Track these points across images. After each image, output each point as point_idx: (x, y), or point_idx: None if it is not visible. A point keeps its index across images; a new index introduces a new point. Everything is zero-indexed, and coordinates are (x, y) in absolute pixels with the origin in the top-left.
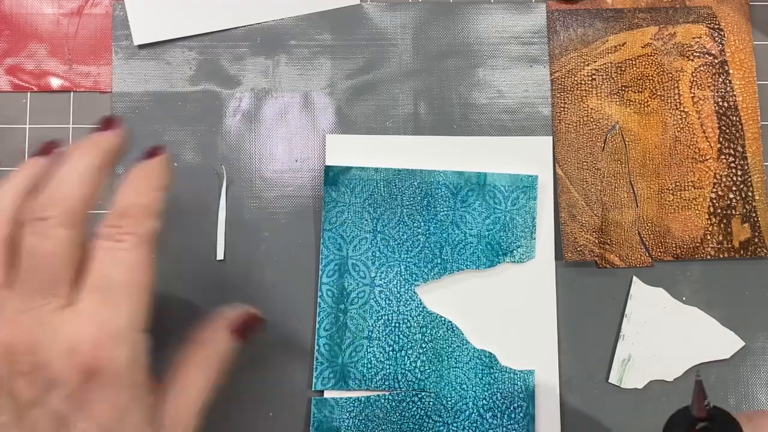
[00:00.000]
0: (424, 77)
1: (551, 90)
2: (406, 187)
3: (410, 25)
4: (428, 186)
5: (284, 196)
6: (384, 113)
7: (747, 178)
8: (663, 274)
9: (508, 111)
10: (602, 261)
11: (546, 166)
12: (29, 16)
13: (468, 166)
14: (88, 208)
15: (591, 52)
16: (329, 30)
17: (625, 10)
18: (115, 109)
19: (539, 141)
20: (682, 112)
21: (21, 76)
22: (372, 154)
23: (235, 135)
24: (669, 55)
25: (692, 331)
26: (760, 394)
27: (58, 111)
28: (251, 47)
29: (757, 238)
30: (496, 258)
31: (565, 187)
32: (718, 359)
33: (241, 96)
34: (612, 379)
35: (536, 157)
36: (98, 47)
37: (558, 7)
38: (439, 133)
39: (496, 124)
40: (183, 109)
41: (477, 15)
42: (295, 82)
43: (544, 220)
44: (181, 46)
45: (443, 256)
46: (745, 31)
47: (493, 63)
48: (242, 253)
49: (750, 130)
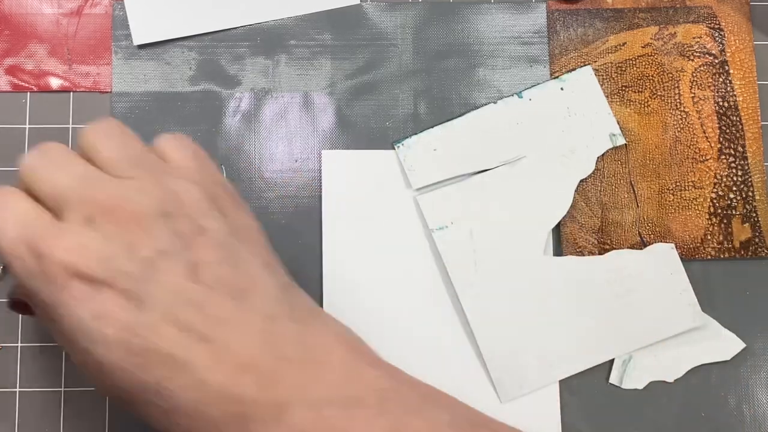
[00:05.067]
0: (424, 77)
1: None
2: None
3: (410, 25)
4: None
5: (284, 196)
6: (384, 113)
7: (747, 178)
8: None
9: None
10: None
11: None
12: (29, 16)
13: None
14: None
15: (591, 52)
16: (329, 30)
17: (626, 10)
18: (114, 109)
19: None
20: (683, 112)
21: (21, 76)
22: (369, 168)
23: (235, 135)
24: (669, 55)
25: (692, 331)
26: (760, 395)
27: (58, 111)
28: (251, 47)
29: (757, 238)
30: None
31: None
32: (719, 360)
33: (241, 96)
34: (612, 379)
35: None
36: (98, 47)
37: (558, 7)
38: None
39: None
40: (183, 109)
41: (477, 15)
42: (295, 82)
43: None
44: (180, 46)
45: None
46: (745, 31)
47: (493, 63)
48: None
49: (750, 130)
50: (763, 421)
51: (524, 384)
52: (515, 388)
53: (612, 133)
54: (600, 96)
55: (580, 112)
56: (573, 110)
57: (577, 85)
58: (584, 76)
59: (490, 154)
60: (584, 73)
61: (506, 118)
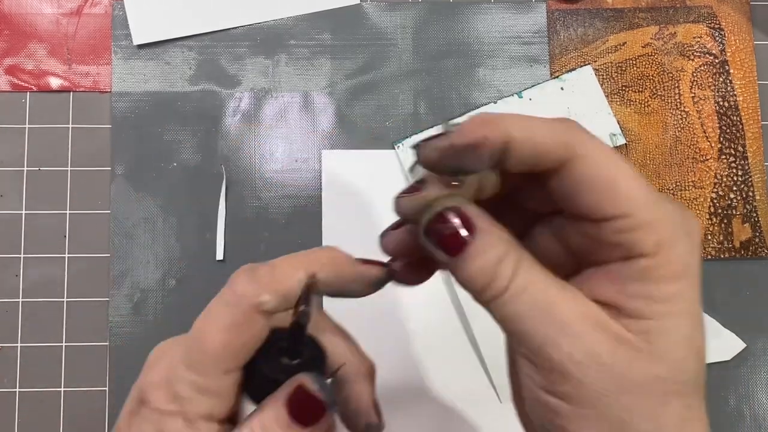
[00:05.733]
0: (424, 77)
1: None
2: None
3: (410, 25)
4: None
5: (284, 196)
6: (384, 113)
7: (748, 178)
8: None
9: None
10: None
11: None
12: (29, 16)
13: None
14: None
15: (591, 52)
16: (329, 30)
17: (626, 9)
18: (114, 108)
19: None
20: (683, 111)
21: (20, 75)
22: (368, 168)
23: (235, 135)
24: (669, 54)
25: None
26: (760, 395)
27: (58, 111)
28: (251, 47)
29: (757, 238)
30: None
31: None
32: (719, 360)
33: (241, 96)
34: None
35: None
36: (98, 47)
37: (558, 7)
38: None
39: None
40: (183, 109)
41: (477, 15)
42: (295, 82)
43: None
44: (180, 46)
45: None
46: (745, 31)
47: (493, 63)
48: (242, 253)
49: (750, 130)
50: (763, 421)
51: None
52: None
53: (612, 133)
54: (600, 96)
55: (580, 111)
56: (573, 110)
57: (577, 85)
58: (584, 76)
59: None
60: (584, 73)
61: None
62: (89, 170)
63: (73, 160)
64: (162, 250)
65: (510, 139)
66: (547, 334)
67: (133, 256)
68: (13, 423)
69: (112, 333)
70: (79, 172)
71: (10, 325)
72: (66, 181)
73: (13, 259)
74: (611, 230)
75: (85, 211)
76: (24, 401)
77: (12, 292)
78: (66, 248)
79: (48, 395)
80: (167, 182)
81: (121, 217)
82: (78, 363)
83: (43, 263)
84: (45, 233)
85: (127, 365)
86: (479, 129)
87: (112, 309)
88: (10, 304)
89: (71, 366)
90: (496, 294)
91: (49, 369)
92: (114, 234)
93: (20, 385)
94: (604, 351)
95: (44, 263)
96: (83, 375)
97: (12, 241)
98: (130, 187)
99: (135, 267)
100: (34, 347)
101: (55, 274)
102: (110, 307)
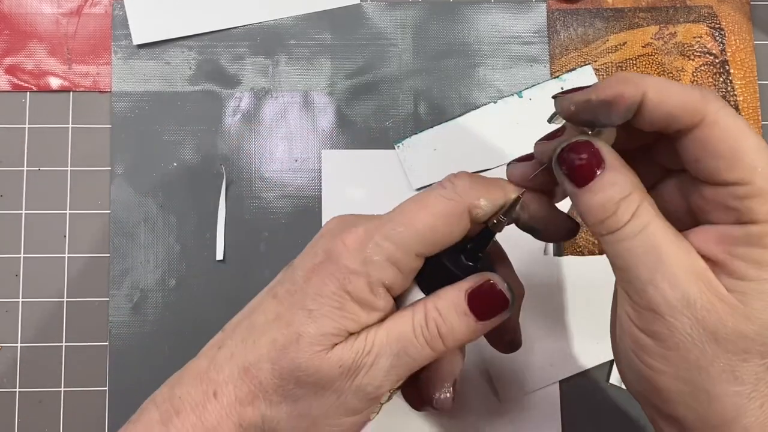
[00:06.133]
0: (424, 77)
1: None
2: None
3: (410, 24)
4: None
5: (284, 196)
6: (384, 113)
7: None
8: None
9: None
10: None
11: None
12: (29, 16)
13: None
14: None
15: (591, 52)
16: (329, 30)
17: (626, 9)
18: (114, 108)
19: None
20: None
21: (20, 75)
22: (368, 168)
23: (235, 135)
24: (669, 54)
25: None
26: None
27: (58, 111)
28: (251, 47)
29: None
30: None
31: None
32: None
33: (241, 96)
34: (612, 379)
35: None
36: (98, 47)
37: (558, 7)
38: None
39: None
40: (183, 109)
41: (477, 15)
42: (295, 81)
43: None
44: (180, 45)
45: None
46: (745, 31)
47: (493, 63)
48: (242, 253)
49: None
50: None
51: (524, 384)
52: (515, 388)
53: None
54: None
55: None
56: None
57: (577, 85)
58: (584, 76)
59: (490, 154)
60: (584, 73)
61: (506, 117)
62: (89, 170)
63: (73, 160)
64: (162, 250)
65: (645, 99)
66: (652, 276)
67: (133, 256)
68: (13, 423)
69: (111, 333)
70: (79, 172)
71: (10, 325)
72: (66, 181)
73: (13, 259)
74: (729, 195)
75: (84, 211)
76: (24, 401)
77: (12, 292)
78: (66, 248)
79: (48, 395)
80: (167, 182)
81: (121, 217)
82: (78, 363)
83: (43, 263)
84: (45, 233)
85: (127, 365)
86: (617, 86)
87: (111, 309)
88: (10, 304)
89: (71, 366)
90: (612, 229)
91: (49, 369)
92: (114, 234)
93: (20, 385)
94: (700, 301)
95: (44, 263)
96: (83, 375)
97: (12, 241)
98: (130, 187)
99: (135, 267)
100: (34, 347)
101: (55, 274)
102: (110, 307)
